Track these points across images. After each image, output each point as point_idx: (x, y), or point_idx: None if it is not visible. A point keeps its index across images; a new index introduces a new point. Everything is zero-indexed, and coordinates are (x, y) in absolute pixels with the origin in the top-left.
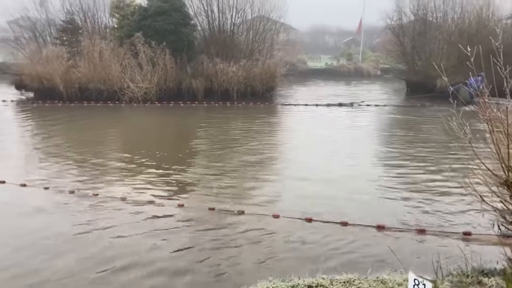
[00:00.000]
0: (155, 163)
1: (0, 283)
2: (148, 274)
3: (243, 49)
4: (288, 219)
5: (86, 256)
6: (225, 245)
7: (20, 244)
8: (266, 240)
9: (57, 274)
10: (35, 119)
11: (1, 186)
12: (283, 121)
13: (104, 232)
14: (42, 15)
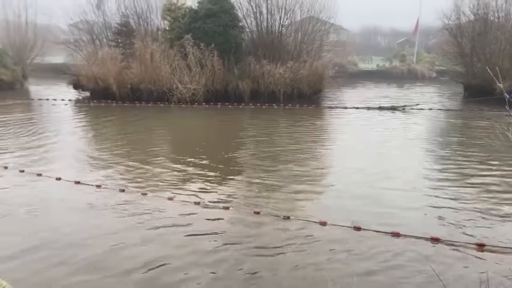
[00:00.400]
0: (201, 163)
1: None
2: (182, 268)
3: (290, 50)
4: (336, 226)
5: (133, 254)
6: (267, 249)
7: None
8: (309, 247)
9: (87, 257)
10: (90, 118)
11: (57, 183)
12: (331, 124)
13: (149, 230)
14: (99, 18)
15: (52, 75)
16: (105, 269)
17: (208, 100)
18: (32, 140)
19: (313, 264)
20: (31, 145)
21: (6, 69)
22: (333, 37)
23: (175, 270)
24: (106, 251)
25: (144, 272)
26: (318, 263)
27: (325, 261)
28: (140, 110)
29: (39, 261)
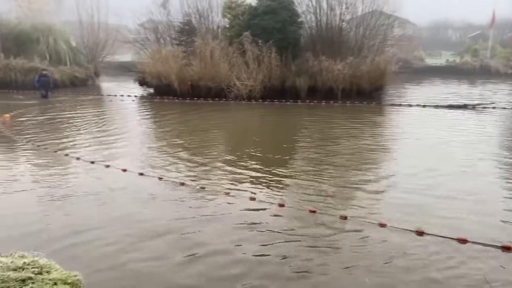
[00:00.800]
0: (257, 159)
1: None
2: (229, 259)
3: (351, 46)
4: (396, 229)
5: (187, 242)
6: (319, 247)
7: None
8: (365, 248)
9: (145, 252)
10: (154, 114)
11: (123, 174)
12: (393, 122)
13: (203, 221)
14: (163, 18)
15: (121, 73)
16: (158, 254)
17: (265, 97)
18: (102, 133)
19: (365, 266)
20: (101, 138)
21: (80, 67)
22: (398, 31)
23: (223, 261)
24: (160, 236)
25: (193, 258)
26: (372, 266)
27: (380, 264)
28: (199, 106)
29: (98, 241)
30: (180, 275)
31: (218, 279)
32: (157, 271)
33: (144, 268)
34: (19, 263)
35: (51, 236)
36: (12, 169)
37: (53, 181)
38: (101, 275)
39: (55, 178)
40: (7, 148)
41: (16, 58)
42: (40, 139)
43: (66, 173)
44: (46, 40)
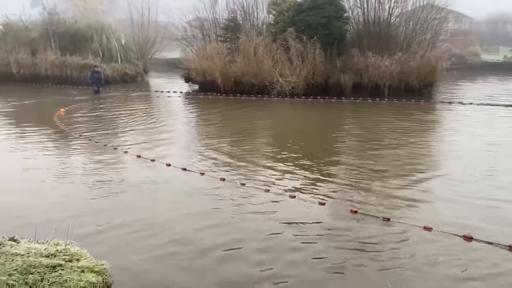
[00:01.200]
0: (298, 158)
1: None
2: (261, 255)
3: (399, 41)
4: (442, 233)
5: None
6: (358, 249)
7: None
8: (406, 251)
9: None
10: (199, 110)
11: (167, 168)
12: (443, 121)
13: (242, 216)
14: (209, 15)
15: (168, 69)
16: (193, 244)
17: (308, 94)
18: (149, 129)
19: (400, 268)
20: (149, 134)
21: (130, 64)
22: (452, 26)
23: (257, 256)
24: (197, 230)
25: (224, 251)
26: (411, 269)
27: (420, 268)
28: (242, 102)
29: (136, 233)
30: (215, 268)
31: (250, 276)
32: (195, 263)
33: (180, 260)
34: (52, 250)
35: (97, 223)
36: (65, 160)
37: (101, 172)
38: (132, 265)
39: (103, 169)
40: (62, 141)
41: (71, 55)
42: (92, 133)
43: (114, 166)
44: (99, 38)
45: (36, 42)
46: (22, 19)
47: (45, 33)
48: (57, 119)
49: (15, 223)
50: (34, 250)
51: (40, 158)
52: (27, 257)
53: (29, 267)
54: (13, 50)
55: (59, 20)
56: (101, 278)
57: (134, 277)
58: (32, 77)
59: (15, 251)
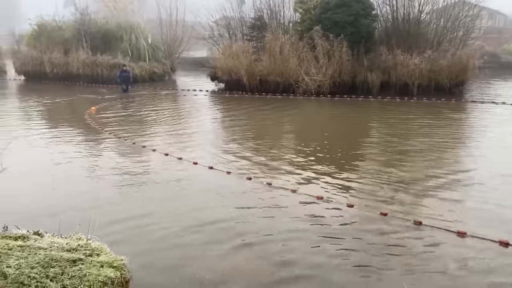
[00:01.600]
0: (326, 158)
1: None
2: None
3: (429, 39)
4: (477, 239)
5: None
6: (387, 253)
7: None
8: (437, 259)
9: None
10: (225, 108)
11: (193, 167)
12: (475, 121)
13: (267, 216)
14: (236, 14)
15: (195, 68)
16: (220, 242)
17: (334, 92)
18: (177, 127)
19: (430, 272)
20: (176, 132)
21: (158, 62)
22: (484, 23)
23: (282, 259)
24: (221, 223)
25: (249, 248)
26: (438, 273)
27: (450, 273)
28: (267, 101)
29: (161, 226)
30: (241, 263)
31: (275, 274)
32: (210, 255)
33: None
34: (73, 245)
35: (125, 217)
36: (95, 157)
37: (130, 170)
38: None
39: (132, 167)
40: (92, 138)
41: (102, 55)
42: (121, 131)
43: (142, 163)
44: (128, 38)
45: (68, 42)
46: (56, 20)
47: (77, 33)
48: (88, 117)
49: (43, 216)
50: (56, 244)
51: (71, 154)
52: (49, 251)
53: (50, 260)
54: (46, 50)
55: (91, 21)
56: (119, 273)
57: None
58: (65, 76)
59: (39, 245)
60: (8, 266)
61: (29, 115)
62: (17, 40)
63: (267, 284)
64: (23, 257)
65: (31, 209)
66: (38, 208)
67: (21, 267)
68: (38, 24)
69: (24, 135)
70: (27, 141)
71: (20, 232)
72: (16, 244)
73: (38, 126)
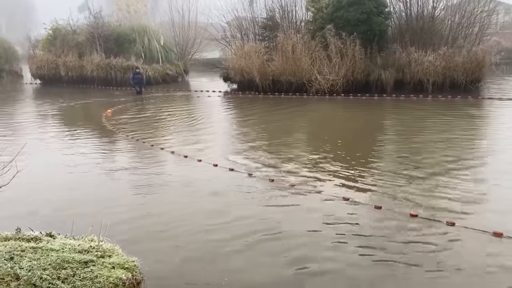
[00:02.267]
0: (346, 157)
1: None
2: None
3: (444, 35)
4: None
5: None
6: (416, 253)
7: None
8: (464, 258)
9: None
10: (238, 109)
11: (214, 168)
12: (492, 118)
13: (294, 215)
14: (248, 15)
15: (208, 69)
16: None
17: (347, 91)
18: (193, 128)
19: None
20: (193, 133)
21: (171, 64)
22: (501, 18)
23: (311, 269)
24: (250, 231)
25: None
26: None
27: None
28: (280, 101)
29: (166, 224)
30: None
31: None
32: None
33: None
34: (85, 246)
35: (143, 221)
36: (113, 159)
37: (149, 172)
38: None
39: (151, 169)
40: (109, 141)
41: (116, 57)
42: (139, 133)
43: (160, 165)
44: (141, 40)
45: (83, 45)
46: (70, 24)
47: (91, 37)
48: (105, 119)
49: (59, 217)
50: (68, 245)
51: (89, 157)
52: (61, 252)
53: (62, 262)
54: (61, 54)
55: (104, 24)
56: (130, 275)
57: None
58: (79, 79)
59: (51, 246)
60: (21, 267)
61: (45, 117)
62: (33, 45)
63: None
64: (35, 259)
65: (46, 210)
66: (52, 210)
67: (33, 269)
68: (53, 29)
69: (40, 138)
70: (44, 143)
71: (33, 233)
72: (28, 246)
73: (55, 128)
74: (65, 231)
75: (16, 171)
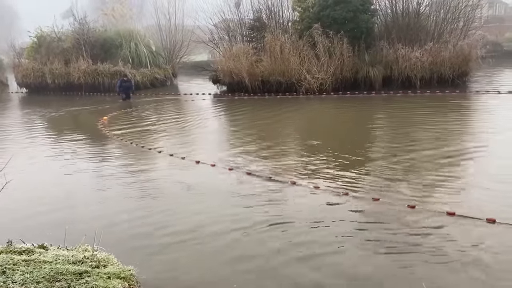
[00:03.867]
0: (341, 155)
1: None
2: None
3: (430, 31)
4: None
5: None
6: (402, 246)
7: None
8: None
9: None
10: (228, 111)
11: (212, 169)
12: (479, 112)
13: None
14: (234, 16)
15: (196, 72)
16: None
17: (336, 89)
18: (190, 130)
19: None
20: (190, 135)
21: (159, 68)
22: (485, 12)
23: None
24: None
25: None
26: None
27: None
28: (270, 102)
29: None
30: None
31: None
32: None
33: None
34: (79, 257)
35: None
36: (116, 164)
37: (161, 176)
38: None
39: (153, 173)
40: (109, 148)
41: (103, 63)
42: (137, 138)
43: (164, 169)
44: (128, 45)
45: (68, 52)
46: (55, 31)
47: (76, 43)
48: (102, 126)
49: (54, 227)
50: (62, 257)
51: (92, 165)
52: (55, 264)
53: (56, 274)
54: (47, 61)
55: (90, 30)
56: (127, 284)
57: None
58: (66, 86)
59: (44, 259)
60: (14, 281)
61: (35, 128)
62: (18, 53)
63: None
64: (28, 272)
65: (38, 222)
66: (47, 221)
67: (26, 282)
68: (37, 36)
69: (28, 148)
70: (31, 154)
71: (25, 246)
72: (20, 259)
73: (52, 138)
74: (58, 242)
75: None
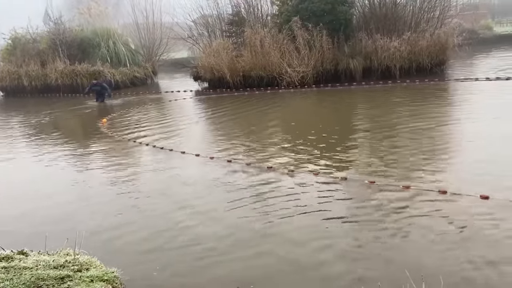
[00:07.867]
0: (328, 146)
1: None
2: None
3: (407, 21)
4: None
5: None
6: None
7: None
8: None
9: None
10: (210, 107)
11: (211, 161)
12: (457, 99)
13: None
14: (213, 11)
15: (177, 69)
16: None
17: (318, 82)
18: (169, 127)
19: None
20: (173, 131)
21: (139, 67)
22: (461, 0)
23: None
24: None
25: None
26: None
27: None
28: (252, 96)
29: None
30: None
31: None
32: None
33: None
34: (60, 261)
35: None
36: (120, 167)
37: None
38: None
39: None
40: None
41: (80, 63)
42: (136, 135)
43: (171, 165)
44: (106, 44)
45: (44, 53)
46: (30, 32)
47: (52, 44)
48: (102, 126)
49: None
50: (42, 262)
51: (92, 165)
52: (35, 270)
53: (37, 280)
54: (23, 63)
55: (66, 30)
56: (110, 286)
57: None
58: (44, 88)
59: (24, 265)
60: None
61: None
62: None
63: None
64: (8, 279)
65: (19, 226)
66: (28, 225)
67: None
68: (12, 38)
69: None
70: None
71: (4, 252)
72: (0, 266)
73: (53, 142)
74: (38, 247)
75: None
